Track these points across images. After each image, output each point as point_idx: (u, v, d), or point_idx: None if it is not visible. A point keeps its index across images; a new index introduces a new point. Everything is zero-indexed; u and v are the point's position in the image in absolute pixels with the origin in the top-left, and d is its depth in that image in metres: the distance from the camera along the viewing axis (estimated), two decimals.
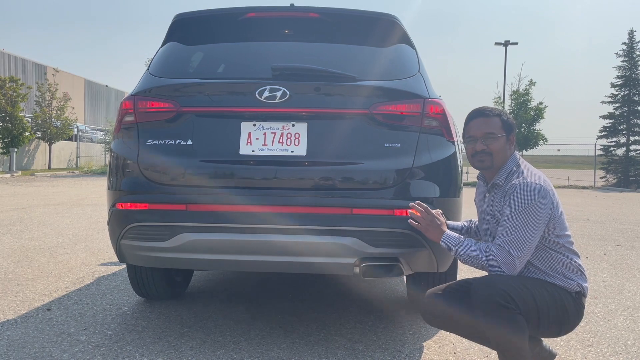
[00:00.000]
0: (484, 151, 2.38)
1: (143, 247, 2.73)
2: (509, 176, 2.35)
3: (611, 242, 6.95)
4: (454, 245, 2.34)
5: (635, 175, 24.29)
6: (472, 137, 2.41)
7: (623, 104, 25.46)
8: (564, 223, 2.32)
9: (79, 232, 6.74)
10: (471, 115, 2.45)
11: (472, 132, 2.41)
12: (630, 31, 25.62)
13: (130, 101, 2.87)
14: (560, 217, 2.29)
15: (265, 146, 2.67)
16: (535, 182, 2.25)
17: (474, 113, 2.45)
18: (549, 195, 2.24)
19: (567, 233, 2.33)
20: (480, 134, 2.38)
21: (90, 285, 4.07)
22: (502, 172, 2.38)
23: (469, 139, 2.43)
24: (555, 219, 2.26)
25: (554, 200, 2.26)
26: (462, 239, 2.34)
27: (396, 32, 3.09)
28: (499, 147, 2.37)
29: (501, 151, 2.37)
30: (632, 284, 4.54)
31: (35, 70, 32.52)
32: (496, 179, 2.40)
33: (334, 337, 2.98)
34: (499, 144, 2.37)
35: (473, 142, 2.40)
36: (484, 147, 2.37)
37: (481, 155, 2.39)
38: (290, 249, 2.60)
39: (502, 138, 2.37)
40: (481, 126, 2.39)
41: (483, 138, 2.37)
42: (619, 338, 3.13)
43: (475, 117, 2.43)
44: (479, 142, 2.38)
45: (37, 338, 2.91)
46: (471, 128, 2.42)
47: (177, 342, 2.88)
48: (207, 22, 3.18)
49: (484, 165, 2.40)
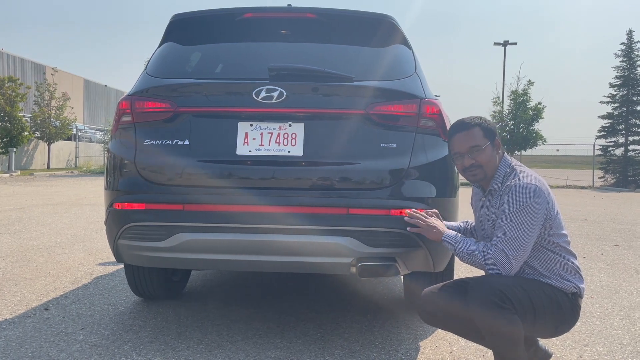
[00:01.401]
0: (473, 165, 2.36)
1: (140, 247, 2.74)
2: (503, 179, 2.35)
3: (609, 242, 6.96)
4: (454, 243, 2.34)
5: (634, 175, 24.34)
6: (458, 153, 2.39)
7: (622, 104, 25.51)
8: (561, 223, 2.32)
9: (77, 231, 6.75)
10: (452, 131, 2.43)
11: (457, 148, 2.39)
12: (629, 31, 25.67)
13: (127, 101, 2.88)
14: (557, 216, 2.29)
15: (262, 146, 2.68)
16: (530, 182, 2.25)
17: (453, 128, 2.42)
18: (544, 195, 2.24)
19: (564, 232, 2.33)
20: (465, 149, 2.36)
21: (88, 285, 4.08)
22: (496, 177, 2.38)
23: (455, 156, 2.42)
24: (551, 219, 2.26)
25: (549, 200, 2.26)
26: (462, 237, 2.35)
27: (393, 32, 3.09)
28: (487, 158, 2.35)
29: (490, 160, 2.36)
30: (629, 284, 4.55)
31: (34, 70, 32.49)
32: (492, 185, 2.39)
33: (330, 337, 2.99)
34: (486, 154, 2.35)
35: (461, 158, 2.39)
36: (472, 160, 2.36)
37: (472, 169, 2.37)
38: (287, 249, 2.61)
39: (488, 147, 2.36)
40: (464, 141, 2.36)
41: (469, 153, 2.36)
42: (615, 338, 3.14)
43: (455, 132, 2.40)
44: (466, 157, 2.37)
45: (34, 337, 2.91)
46: (455, 144, 2.40)
47: (174, 341, 2.88)
48: (205, 23, 3.19)
49: (478, 178, 2.40)
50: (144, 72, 3.01)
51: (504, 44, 27.94)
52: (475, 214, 2.57)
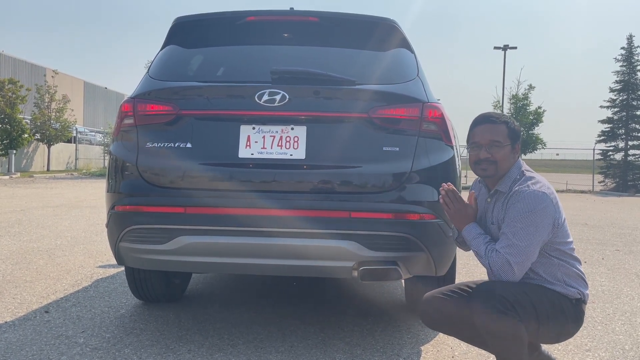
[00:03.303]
0: (488, 159, 2.32)
1: (142, 250, 2.73)
2: (512, 183, 2.31)
3: (609, 247, 6.95)
4: (470, 238, 2.31)
5: (634, 180, 24.36)
6: (477, 143, 2.35)
7: (622, 109, 25.55)
8: (567, 230, 2.29)
9: (77, 234, 6.74)
10: (477, 121, 2.38)
11: (477, 138, 2.35)
12: (629, 36, 25.74)
13: (129, 104, 2.88)
14: (563, 224, 2.26)
15: (264, 149, 2.67)
16: (540, 189, 2.21)
17: (480, 118, 2.38)
18: (552, 204, 2.20)
19: (569, 240, 2.30)
20: (485, 141, 2.32)
21: (89, 288, 4.07)
22: (506, 179, 2.34)
23: (473, 145, 2.37)
24: (558, 227, 2.22)
25: (557, 209, 2.22)
26: (479, 235, 2.30)
27: (395, 36, 3.10)
28: (503, 156, 2.31)
29: (505, 160, 2.32)
30: (630, 289, 4.55)
31: (35, 72, 32.49)
32: (499, 186, 2.36)
33: (332, 341, 2.98)
34: (504, 152, 2.32)
35: (477, 149, 2.35)
36: (488, 155, 2.31)
37: (485, 163, 2.33)
38: (288, 252, 2.60)
39: (508, 147, 2.32)
40: (487, 133, 2.33)
41: (488, 146, 2.32)
42: (616, 343, 3.13)
43: (481, 122, 2.36)
44: (483, 149, 2.33)
45: (34, 340, 2.90)
46: (476, 134, 2.36)
47: (175, 345, 2.87)
48: (207, 26, 3.19)
49: (487, 174, 2.35)
50: (147, 74, 3.01)
51: (503, 48, 27.93)
52: (478, 214, 2.54)
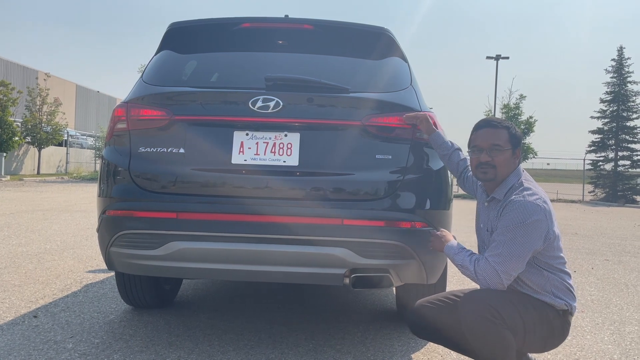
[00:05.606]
0: (488, 163, 2.35)
1: (132, 255, 2.72)
2: (509, 191, 2.33)
3: (599, 256, 7.00)
4: (452, 254, 2.35)
5: (623, 190, 24.54)
6: (478, 147, 2.38)
7: (612, 120, 25.77)
8: (559, 246, 2.30)
9: (67, 238, 6.69)
10: (479, 125, 2.42)
11: (478, 142, 2.38)
12: (620, 48, 26.01)
13: (122, 108, 2.87)
14: (555, 241, 2.26)
15: (258, 156, 2.68)
16: (534, 201, 2.21)
17: (482, 123, 2.42)
18: (546, 218, 2.20)
19: (561, 255, 2.31)
20: (486, 145, 2.35)
21: (78, 293, 4.04)
22: (502, 186, 2.36)
23: (474, 149, 2.40)
24: (549, 242, 2.23)
25: (550, 222, 2.22)
26: (460, 249, 2.34)
27: (389, 45, 3.12)
28: (503, 160, 2.34)
29: (505, 164, 2.35)
30: (619, 298, 4.58)
31: (27, 75, 32.32)
32: (496, 193, 2.38)
33: (322, 348, 2.98)
34: (504, 157, 2.34)
35: (478, 153, 2.38)
36: (489, 159, 2.34)
37: (485, 167, 2.36)
38: (280, 259, 2.60)
39: (508, 151, 2.35)
40: (488, 137, 2.36)
41: (489, 150, 2.35)
42: (605, 352, 3.15)
43: (482, 127, 2.40)
44: (484, 153, 2.36)
45: (23, 345, 2.87)
46: (477, 138, 2.39)
47: (165, 351, 2.86)
48: (202, 32, 3.20)
49: (487, 177, 2.38)
50: (140, 79, 3.01)
51: (496, 58, 28.15)
52: (476, 217, 2.56)
